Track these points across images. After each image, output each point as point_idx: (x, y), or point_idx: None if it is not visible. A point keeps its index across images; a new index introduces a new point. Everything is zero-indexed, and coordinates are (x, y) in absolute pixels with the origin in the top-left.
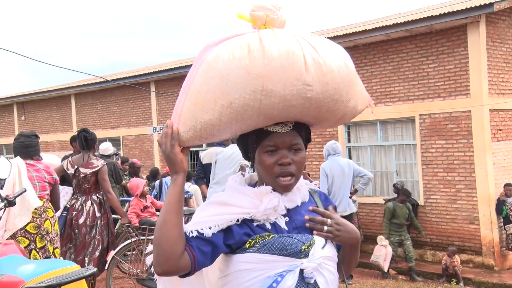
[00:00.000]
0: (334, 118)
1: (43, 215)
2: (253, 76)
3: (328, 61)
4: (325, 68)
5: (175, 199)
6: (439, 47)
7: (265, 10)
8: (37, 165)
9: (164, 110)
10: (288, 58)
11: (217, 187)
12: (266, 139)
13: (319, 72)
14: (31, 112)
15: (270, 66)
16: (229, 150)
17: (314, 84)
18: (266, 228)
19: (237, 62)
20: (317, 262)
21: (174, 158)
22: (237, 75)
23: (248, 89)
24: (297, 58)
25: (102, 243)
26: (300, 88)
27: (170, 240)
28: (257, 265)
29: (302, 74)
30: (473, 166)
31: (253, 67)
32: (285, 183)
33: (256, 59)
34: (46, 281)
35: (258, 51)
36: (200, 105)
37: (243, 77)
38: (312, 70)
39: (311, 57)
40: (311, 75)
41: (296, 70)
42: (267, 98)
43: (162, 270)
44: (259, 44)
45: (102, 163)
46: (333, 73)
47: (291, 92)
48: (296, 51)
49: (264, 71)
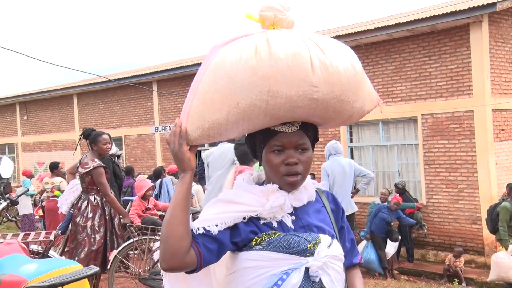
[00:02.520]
0: (341, 118)
1: None
2: (260, 77)
3: (334, 62)
4: (331, 69)
5: (182, 196)
6: (442, 47)
7: (274, 11)
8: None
9: (166, 109)
10: (294, 59)
11: (210, 188)
12: (273, 139)
13: (325, 73)
14: (33, 112)
15: (276, 67)
16: (217, 150)
17: (320, 85)
18: (272, 226)
19: (243, 62)
20: (323, 261)
21: (182, 157)
22: (244, 75)
23: (255, 89)
24: (304, 59)
25: (90, 245)
26: (306, 89)
27: (176, 237)
28: (262, 263)
29: (308, 75)
30: (476, 166)
31: (259, 68)
32: (291, 181)
33: (263, 60)
34: (49, 280)
35: (264, 52)
36: (207, 105)
37: (250, 78)
38: (318, 71)
39: (318, 58)
40: (317, 76)
41: (302, 71)
42: (273, 99)
43: (168, 266)
44: (266, 45)
45: (94, 164)
46: (339, 74)
47: (297, 93)
48: (302, 52)
49: (271, 72)
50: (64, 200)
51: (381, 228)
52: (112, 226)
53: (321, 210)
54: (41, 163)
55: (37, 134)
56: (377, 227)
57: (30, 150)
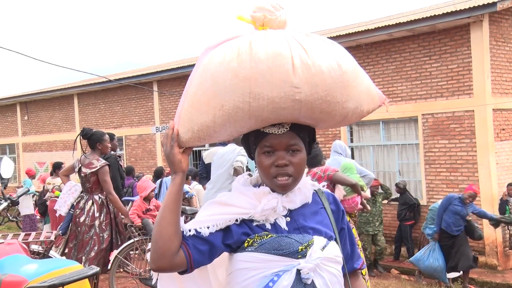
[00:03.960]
0: (333, 119)
1: None
2: (241, 79)
3: (318, 62)
4: (313, 69)
5: (172, 198)
6: (442, 47)
7: (264, 11)
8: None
9: (166, 110)
10: (274, 60)
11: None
12: (263, 140)
13: (307, 73)
14: (34, 112)
15: (256, 69)
16: (222, 150)
17: (302, 86)
18: (265, 228)
19: (226, 65)
20: (315, 263)
21: (173, 159)
22: (226, 77)
23: (237, 92)
24: (284, 60)
25: (100, 243)
26: (288, 90)
27: (165, 238)
28: (254, 264)
29: (289, 76)
30: (476, 166)
31: (240, 70)
32: (281, 183)
33: (244, 61)
34: (49, 280)
35: (246, 53)
36: (196, 107)
37: (232, 80)
38: (299, 72)
39: (300, 59)
40: (299, 77)
41: (283, 72)
42: (255, 101)
43: (156, 266)
44: (248, 46)
45: (101, 164)
46: (322, 74)
47: (278, 94)
48: (283, 53)
49: (251, 73)
50: (63, 202)
51: (455, 224)
52: (116, 224)
53: (320, 211)
54: (41, 163)
55: (37, 134)
56: (449, 223)
57: (30, 150)
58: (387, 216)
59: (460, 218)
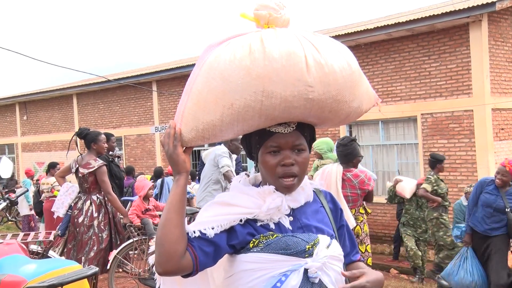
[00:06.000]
0: (338, 118)
1: None
2: (254, 77)
3: (330, 61)
4: (326, 68)
5: (177, 199)
6: (441, 46)
7: (268, 9)
8: (351, 172)
9: (166, 109)
10: (289, 59)
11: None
12: (269, 140)
13: (320, 72)
14: (33, 112)
15: (270, 67)
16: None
17: (315, 85)
18: (270, 228)
19: (237, 62)
20: (322, 262)
21: (177, 159)
22: (238, 76)
23: (249, 90)
24: (298, 59)
25: (99, 243)
26: (302, 89)
27: (171, 240)
28: (261, 265)
29: (303, 75)
30: (475, 166)
31: (253, 68)
32: (287, 184)
33: (257, 59)
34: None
35: (259, 51)
36: (201, 106)
37: (244, 78)
38: (313, 71)
39: (313, 58)
40: (313, 76)
41: (297, 71)
42: (268, 99)
43: (163, 270)
44: (260, 44)
45: (99, 164)
46: (335, 74)
47: (292, 93)
48: (297, 52)
49: (265, 72)
50: (61, 204)
51: (485, 221)
52: (115, 224)
53: (320, 210)
54: (40, 163)
55: (36, 134)
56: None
57: (29, 150)
58: (387, 216)
59: (493, 211)
